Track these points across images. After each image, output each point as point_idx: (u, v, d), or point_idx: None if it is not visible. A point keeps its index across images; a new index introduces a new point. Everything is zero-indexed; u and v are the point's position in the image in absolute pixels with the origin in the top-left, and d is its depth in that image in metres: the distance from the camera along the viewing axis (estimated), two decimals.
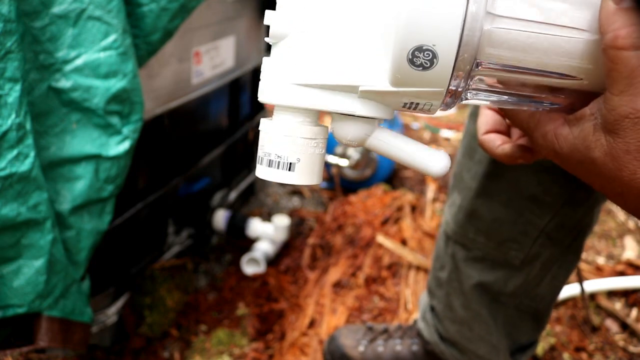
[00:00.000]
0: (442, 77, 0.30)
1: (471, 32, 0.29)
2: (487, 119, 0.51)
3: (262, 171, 0.36)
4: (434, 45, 0.29)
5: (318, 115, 0.37)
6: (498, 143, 0.48)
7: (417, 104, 0.33)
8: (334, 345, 0.99)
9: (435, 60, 0.29)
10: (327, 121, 1.27)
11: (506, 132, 0.50)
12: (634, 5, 0.28)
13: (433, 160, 0.35)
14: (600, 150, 0.31)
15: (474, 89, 0.34)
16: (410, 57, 0.29)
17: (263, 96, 0.35)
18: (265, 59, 0.35)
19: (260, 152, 0.36)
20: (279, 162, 0.35)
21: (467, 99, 0.34)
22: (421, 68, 0.30)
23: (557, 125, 0.34)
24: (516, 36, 0.30)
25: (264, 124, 0.36)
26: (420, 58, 0.29)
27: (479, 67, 0.31)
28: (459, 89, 0.32)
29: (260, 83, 0.36)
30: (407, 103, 0.33)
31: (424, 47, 0.29)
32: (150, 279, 1.13)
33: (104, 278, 0.98)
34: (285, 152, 0.35)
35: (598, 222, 1.53)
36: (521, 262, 0.74)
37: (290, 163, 0.35)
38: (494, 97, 0.34)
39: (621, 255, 1.43)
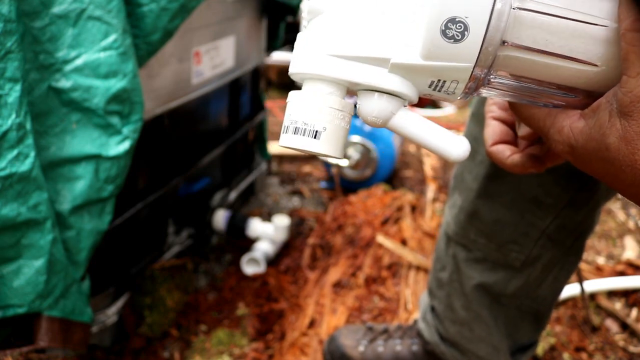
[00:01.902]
0: (471, 51, 0.32)
1: (501, 8, 0.31)
2: (494, 130, 0.51)
3: (286, 139, 0.36)
4: (466, 17, 0.31)
5: (345, 91, 0.38)
6: (508, 154, 0.49)
7: (444, 82, 0.34)
8: (334, 345, 0.99)
9: (466, 32, 0.31)
10: None
11: (513, 143, 0.50)
12: None
13: (454, 144, 0.36)
14: (615, 135, 0.31)
15: (495, 75, 0.35)
16: (443, 28, 0.31)
17: (296, 67, 0.36)
18: (299, 34, 0.37)
19: (286, 122, 0.37)
20: (305, 129, 0.36)
21: (488, 84, 0.35)
22: (452, 40, 0.31)
23: (574, 120, 0.35)
24: (541, 19, 0.32)
25: (293, 94, 0.37)
26: (453, 30, 0.31)
27: (505, 44, 0.32)
28: (482, 75, 0.33)
29: (292, 56, 0.36)
30: (433, 81, 0.34)
31: (456, 19, 0.31)
32: (150, 279, 1.13)
33: (104, 278, 0.98)
34: (313, 120, 0.36)
35: (598, 222, 1.53)
36: (522, 264, 0.74)
37: (317, 131, 0.36)
38: (514, 83, 0.36)
39: (621, 255, 1.43)
